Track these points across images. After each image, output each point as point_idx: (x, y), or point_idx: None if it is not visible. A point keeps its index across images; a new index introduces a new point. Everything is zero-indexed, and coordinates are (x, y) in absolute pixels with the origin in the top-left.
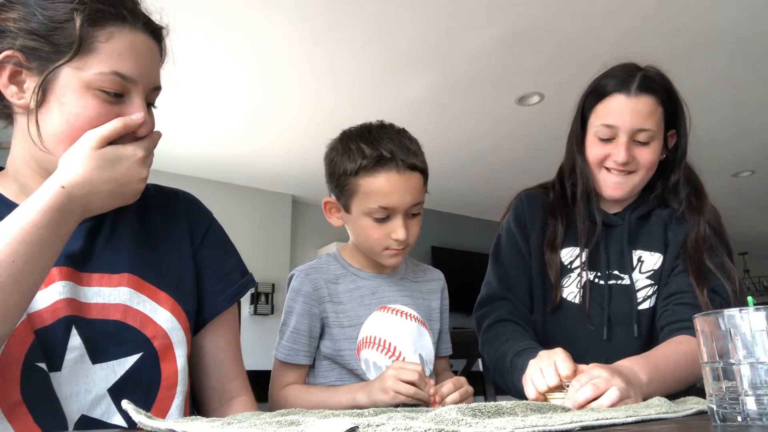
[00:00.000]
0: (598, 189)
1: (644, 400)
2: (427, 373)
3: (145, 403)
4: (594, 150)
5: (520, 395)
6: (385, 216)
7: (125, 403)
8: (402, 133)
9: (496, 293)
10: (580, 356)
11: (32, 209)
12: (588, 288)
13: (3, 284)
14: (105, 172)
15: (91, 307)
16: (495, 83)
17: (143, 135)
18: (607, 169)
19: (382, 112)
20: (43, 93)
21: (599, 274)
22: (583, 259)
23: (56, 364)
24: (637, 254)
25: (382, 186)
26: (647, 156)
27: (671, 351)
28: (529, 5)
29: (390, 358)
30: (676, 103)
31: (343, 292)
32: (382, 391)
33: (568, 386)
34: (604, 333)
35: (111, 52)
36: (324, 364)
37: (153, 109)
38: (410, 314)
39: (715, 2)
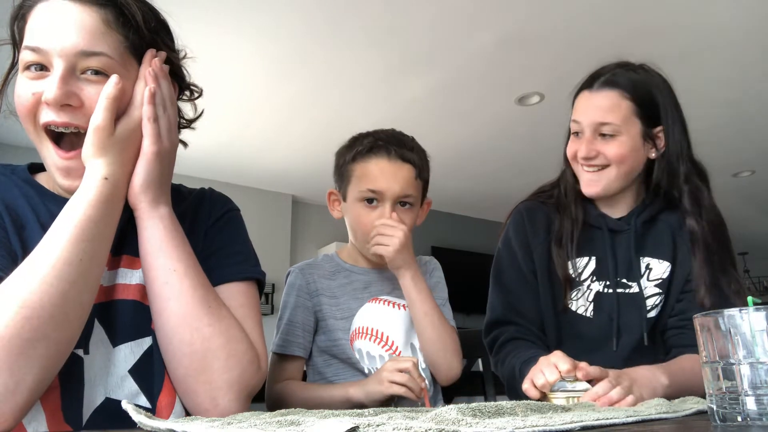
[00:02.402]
0: (581, 185)
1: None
2: (422, 365)
3: (163, 384)
4: (569, 146)
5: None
6: (373, 199)
7: (125, 404)
8: (403, 134)
9: (501, 317)
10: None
11: (83, 205)
12: (598, 299)
13: (77, 283)
14: (129, 151)
15: (112, 289)
16: (495, 83)
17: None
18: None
19: (382, 111)
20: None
21: (607, 282)
22: (591, 268)
23: (85, 350)
24: (645, 261)
25: (372, 170)
26: (612, 150)
27: (687, 365)
28: (529, 5)
29: (383, 347)
30: (654, 99)
31: (337, 286)
32: (378, 382)
33: (571, 380)
34: (614, 344)
35: (29, 31)
36: (321, 359)
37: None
38: (402, 304)
39: (715, 2)
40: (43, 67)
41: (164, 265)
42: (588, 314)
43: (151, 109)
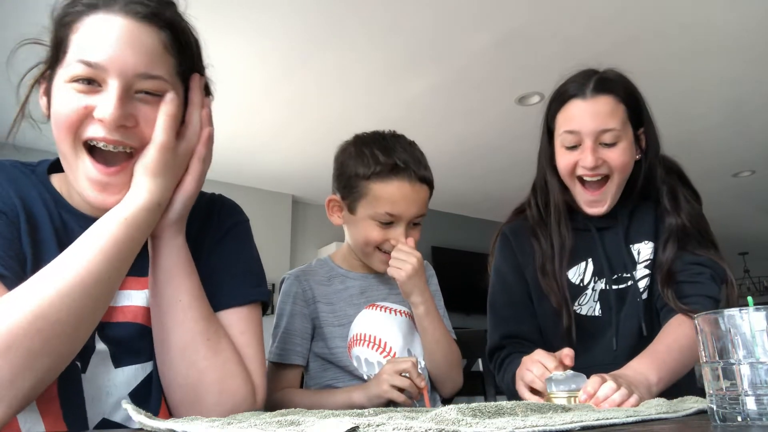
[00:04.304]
0: (579, 204)
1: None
2: (421, 367)
3: (159, 410)
4: (562, 160)
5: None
6: (389, 221)
7: (124, 403)
8: (413, 145)
9: (499, 344)
10: (606, 366)
11: (130, 227)
12: (603, 297)
13: (97, 301)
14: (179, 176)
15: (118, 310)
16: (495, 83)
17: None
18: (581, 180)
19: (382, 111)
20: (48, 98)
21: (608, 279)
22: (590, 270)
23: (83, 367)
24: (635, 249)
25: (393, 193)
26: (617, 157)
27: (673, 337)
28: (528, 5)
29: (381, 354)
30: (638, 100)
31: (333, 292)
32: (377, 385)
33: (562, 375)
34: (614, 344)
35: (80, 42)
36: (317, 365)
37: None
38: (399, 310)
39: (714, 2)
40: (92, 82)
41: (171, 295)
42: (596, 313)
43: (206, 151)
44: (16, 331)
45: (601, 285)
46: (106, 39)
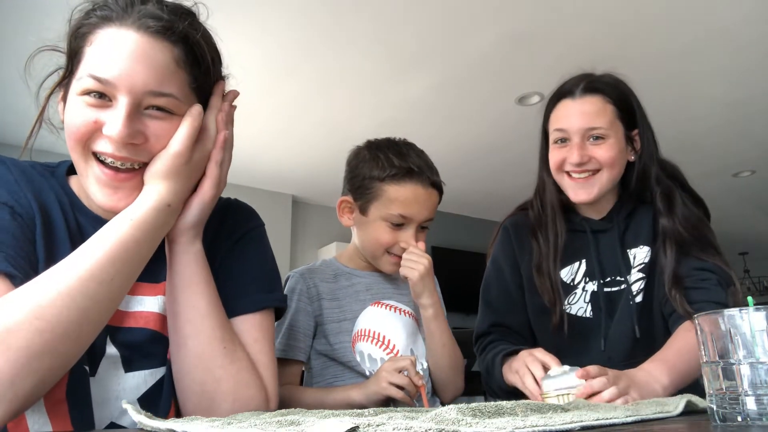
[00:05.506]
0: (568, 195)
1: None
2: (421, 368)
3: (168, 414)
4: (553, 156)
5: (504, 392)
6: (400, 223)
7: (124, 403)
8: (424, 153)
9: (487, 330)
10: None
11: (133, 226)
12: (594, 299)
13: (101, 303)
14: (193, 179)
15: (130, 315)
16: (495, 83)
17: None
18: (568, 174)
19: (382, 112)
20: (64, 105)
21: (600, 282)
22: (582, 270)
23: (92, 370)
24: (631, 254)
25: (407, 196)
26: (604, 153)
27: (683, 343)
28: (529, 6)
29: (384, 350)
30: (631, 102)
31: (339, 289)
32: (376, 383)
33: (558, 372)
34: (602, 344)
35: (92, 56)
36: (319, 362)
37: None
38: (404, 310)
39: (715, 2)
40: (103, 95)
41: (189, 301)
42: (587, 315)
43: (222, 154)
44: (15, 330)
45: (592, 287)
46: (118, 55)
